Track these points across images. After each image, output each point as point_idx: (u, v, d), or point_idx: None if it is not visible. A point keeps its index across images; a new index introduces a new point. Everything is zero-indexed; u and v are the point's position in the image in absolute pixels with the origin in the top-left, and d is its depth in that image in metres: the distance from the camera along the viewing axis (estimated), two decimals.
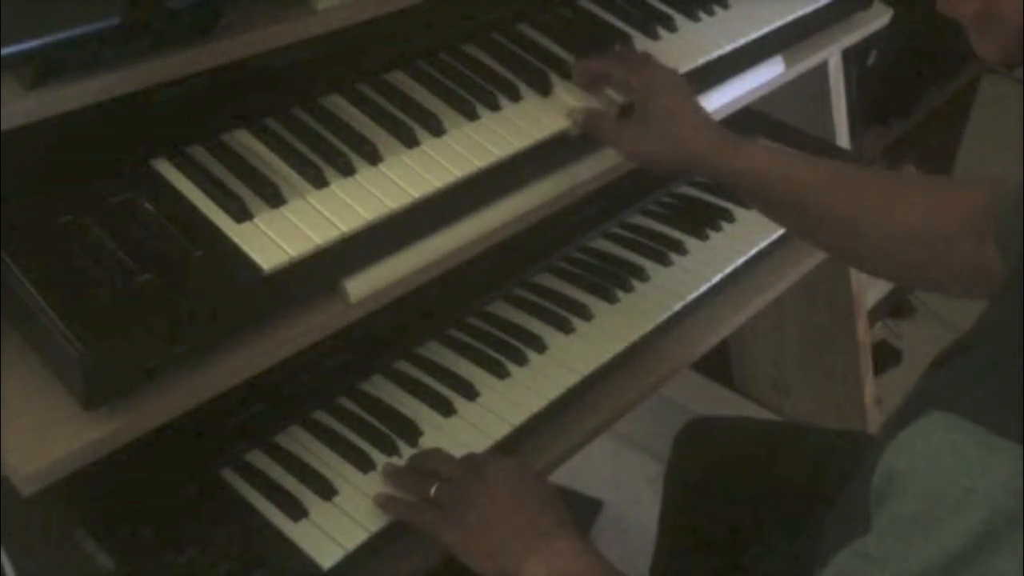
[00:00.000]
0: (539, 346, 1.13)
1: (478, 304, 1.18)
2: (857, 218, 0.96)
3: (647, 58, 1.08)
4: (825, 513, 1.07)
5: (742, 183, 1.03)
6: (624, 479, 2.04)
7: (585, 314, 1.18)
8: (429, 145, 0.95)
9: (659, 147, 1.03)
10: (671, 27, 1.18)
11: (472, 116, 0.99)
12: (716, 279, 1.27)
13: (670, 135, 1.02)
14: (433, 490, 0.92)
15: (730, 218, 1.37)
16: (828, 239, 1.02)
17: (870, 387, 1.84)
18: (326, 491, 0.95)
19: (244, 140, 0.92)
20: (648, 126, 1.03)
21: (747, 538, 1.19)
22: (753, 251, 1.32)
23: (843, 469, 1.15)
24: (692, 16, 1.21)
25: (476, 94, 1.01)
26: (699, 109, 1.06)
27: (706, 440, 1.30)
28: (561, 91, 1.05)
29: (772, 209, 1.06)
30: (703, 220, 1.35)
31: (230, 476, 0.97)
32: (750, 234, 1.34)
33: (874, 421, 1.88)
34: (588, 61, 1.08)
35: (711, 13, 1.23)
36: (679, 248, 1.30)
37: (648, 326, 1.18)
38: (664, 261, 1.28)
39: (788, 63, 1.28)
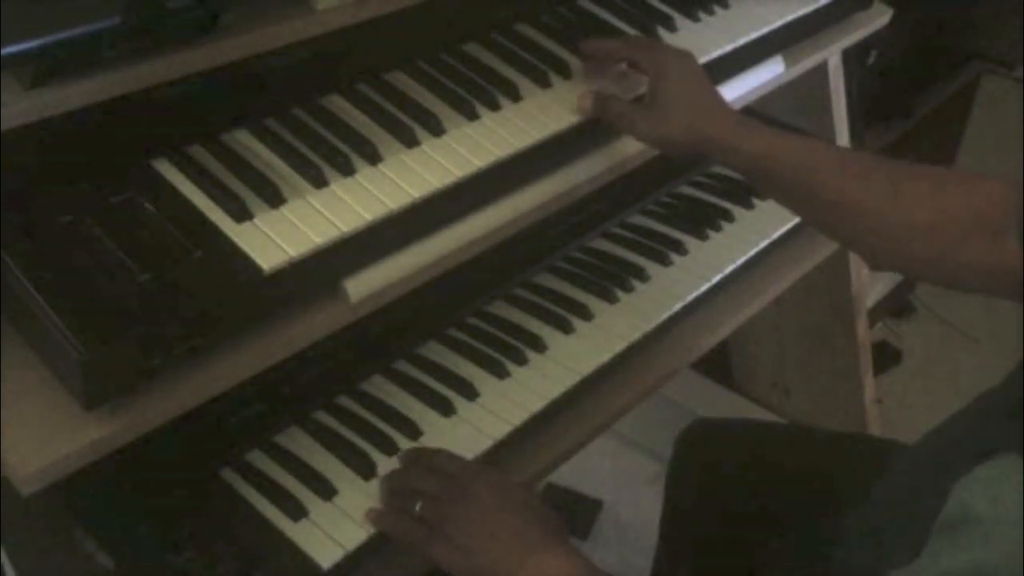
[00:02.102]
0: (539, 346, 1.13)
1: (478, 304, 1.18)
2: (868, 207, 0.94)
3: (658, 41, 1.07)
4: (826, 515, 1.07)
5: (756, 167, 1.01)
6: (624, 479, 2.05)
7: (585, 314, 1.18)
8: (429, 145, 0.95)
9: (673, 129, 1.01)
10: (671, 27, 1.18)
11: (472, 116, 0.99)
12: (716, 279, 1.27)
13: (685, 117, 1.01)
14: (418, 507, 0.91)
15: (730, 218, 1.37)
16: (839, 228, 1.01)
17: (870, 387, 1.84)
18: (326, 491, 0.95)
19: (244, 140, 0.92)
20: (662, 108, 1.01)
21: (749, 540, 1.19)
22: (753, 251, 1.32)
23: (844, 471, 1.15)
24: (692, 16, 1.21)
25: (476, 94, 1.01)
26: (714, 91, 1.04)
27: (707, 442, 1.30)
28: (562, 91, 1.05)
29: (784, 194, 1.04)
30: (703, 220, 1.35)
31: (230, 476, 0.97)
32: (750, 234, 1.34)
33: (874, 421, 1.88)
34: (600, 41, 1.07)
35: (711, 13, 1.23)
36: (679, 248, 1.30)
37: (648, 326, 1.18)
38: (664, 261, 1.28)
39: (788, 63, 1.28)
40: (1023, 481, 0.59)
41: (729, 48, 1.19)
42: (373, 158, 0.92)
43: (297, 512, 0.93)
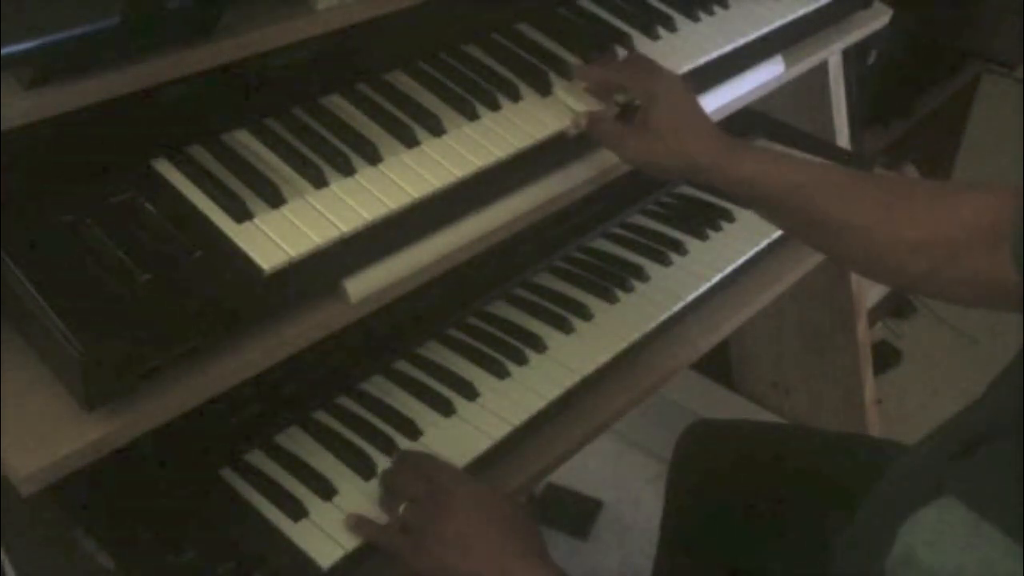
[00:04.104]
0: (539, 346, 1.13)
1: (478, 304, 1.18)
2: (859, 225, 0.94)
3: (649, 62, 1.07)
4: (826, 515, 1.07)
5: (743, 190, 1.01)
6: (624, 479, 2.05)
7: (585, 314, 1.18)
8: (429, 145, 0.95)
9: (660, 153, 1.01)
10: (671, 27, 1.18)
11: (472, 116, 0.99)
12: (716, 279, 1.27)
13: (671, 141, 1.01)
14: (401, 508, 0.91)
15: (730, 218, 1.37)
16: (831, 246, 1.01)
17: (870, 387, 1.84)
18: (326, 491, 0.95)
19: (244, 140, 0.92)
20: (649, 131, 1.01)
21: (749, 541, 1.19)
22: (753, 251, 1.32)
23: (845, 473, 1.15)
24: (692, 16, 1.21)
25: (476, 94, 1.01)
26: (702, 115, 1.04)
27: (709, 442, 1.30)
28: (561, 91, 1.05)
29: (773, 215, 1.05)
30: (703, 220, 1.35)
31: (230, 476, 0.97)
32: (750, 234, 1.34)
33: (874, 421, 1.88)
34: (591, 68, 1.07)
35: (711, 13, 1.23)
36: (679, 248, 1.30)
37: (648, 326, 1.18)
38: (664, 261, 1.28)
39: (788, 63, 1.28)
40: (962, 527, 0.58)
41: (729, 48, 1.19)
42: (373, 158, 0.92)
43: (297, 512, 0.93)
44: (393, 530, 0.91)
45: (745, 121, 1.42)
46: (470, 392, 1.07)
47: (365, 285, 0.89)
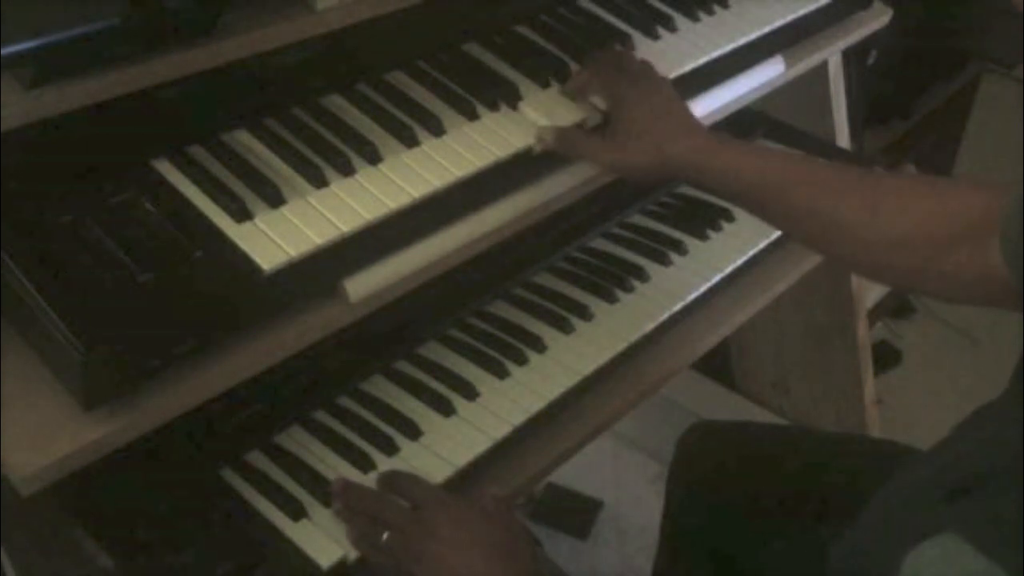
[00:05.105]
0: (539, 346, 1.13)
1: (478, 304, 1.18)
2: (843, 220, 0.93)
3: (619, 61, 1.06)
4: (826, 516, 1.07)
5: (724, 184, 0.99)
6: (624, 479, 2.05)
7: (585, 314, 1.18)
8: (429, 145, 0.95)
9: (636, 156, 1.00)
10: (671, 27, 1.18)
11: (472, 116, 0.99)
12: (716, 279, 1.27)
13: (644, 142, 0.99)
14: (384, 537, 0.90)
15: (730, 218, 1.37)
16: (817, 242, 1.00)
17: (870, 387, 1.84)
18: (326, 491, 0.95)
19: (244, 140, 0.92)
20: (622, 136, 1.00)
21: (749, 541, 1.19)
22: (753, 251, 1.32)
23: (845, 473, 1.15)
24: (692, 16, 1.21)
25: (476, 94, 1.01)
26: (680, 112, 1.03)
27: (709, 443, 1.30)
28: (560, 92, 1.05)
29: (757, 210, 1.02)
30: (703, 220, 1.35)
31: (230, 476, 0.97)
32: (750, 234, 1.34)
33: (874, 421, 1.88)
34: (570, 82, 1.06)
35: (711, 13, 1.23)
36: (679, 248, 1.30)
37: (648, 326, 1.18)
38: (664, 261, 1.28)
39: (788, 63, 1.28)
40: (972, 562, 0.58)
41: (729, 48, 1.19)
42: (373, 158, 0.92)
43: (297, 512, 0.93)
44: (385, 553, 0.90)
45: (745, 121, 1.42)
46: (470, 392, 1.07)
47: (365, 285, 0.89)
